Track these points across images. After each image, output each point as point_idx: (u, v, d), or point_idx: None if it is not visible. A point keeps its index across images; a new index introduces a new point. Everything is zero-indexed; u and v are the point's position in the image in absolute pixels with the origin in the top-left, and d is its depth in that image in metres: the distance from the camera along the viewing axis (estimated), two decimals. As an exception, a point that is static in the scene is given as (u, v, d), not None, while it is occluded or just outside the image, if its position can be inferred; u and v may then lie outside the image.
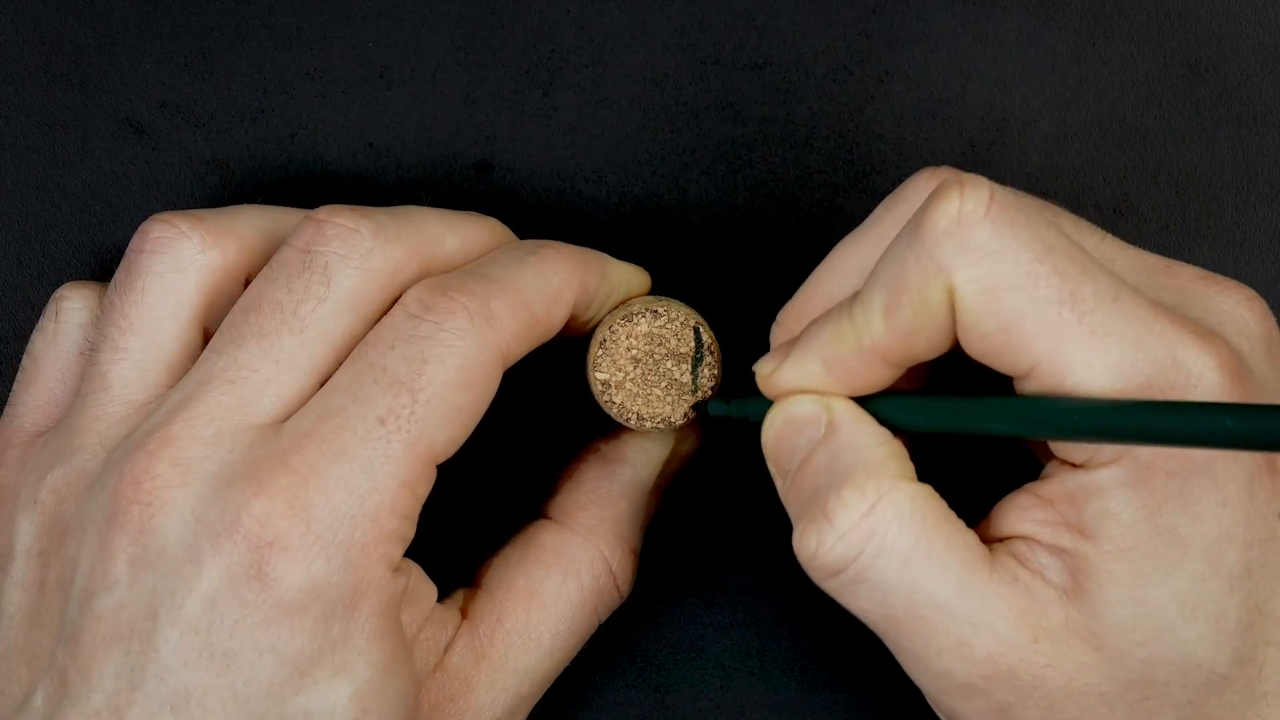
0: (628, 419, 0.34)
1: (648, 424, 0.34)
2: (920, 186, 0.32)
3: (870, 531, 0.29)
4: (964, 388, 0.31)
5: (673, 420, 0.34)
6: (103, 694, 0.29)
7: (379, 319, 0.31)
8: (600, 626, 0.35)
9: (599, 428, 0.36)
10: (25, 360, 0.34)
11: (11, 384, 0.37)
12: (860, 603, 0.29)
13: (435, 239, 0.33)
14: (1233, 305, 0.31)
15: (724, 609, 0.38)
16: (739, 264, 0.38)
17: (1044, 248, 0.28)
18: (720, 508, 0.38)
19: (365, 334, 0.31)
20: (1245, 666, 0.29)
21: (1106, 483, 0.28)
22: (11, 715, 0.30)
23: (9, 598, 0.31)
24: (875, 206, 0.33)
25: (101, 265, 0.38)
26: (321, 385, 0.30)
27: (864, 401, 0.31)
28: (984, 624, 0.29)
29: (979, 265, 0.28)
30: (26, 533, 0.31)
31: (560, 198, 0.38)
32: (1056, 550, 0.29)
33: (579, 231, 0.38)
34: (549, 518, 0.35)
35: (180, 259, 0.32)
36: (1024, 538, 0.30)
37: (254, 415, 0.30)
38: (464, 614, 0.33)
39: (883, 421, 0.31)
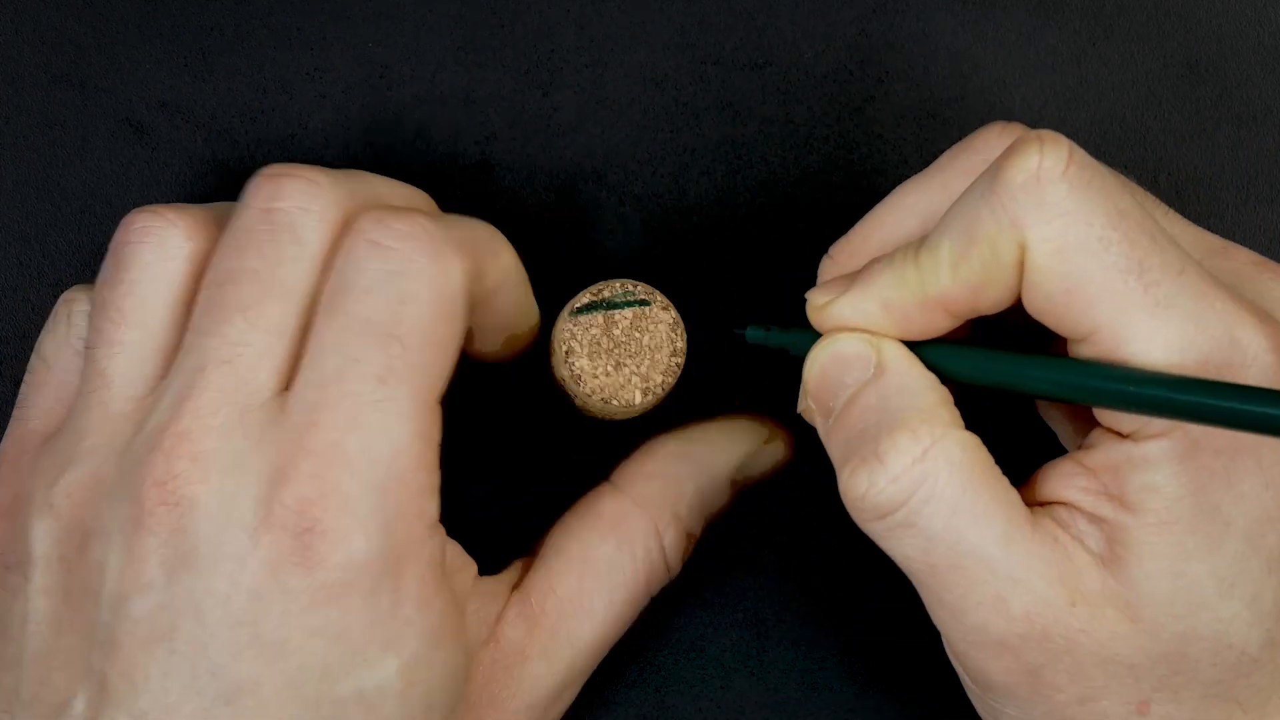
0: (589, 399, 0.34)
1: (610, 406, 0.34)
2: (991, 138, 0.32)
3: (922, 476, 0.29)
4: (1011, 344, 0.31)
5: (632, 404, 0.34)
6: (150, 695, 0.28)
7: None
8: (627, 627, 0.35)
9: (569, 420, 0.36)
10: (35, 362, 0.34)
11: (11, 383, 0.37)
12: (904, 548, 0.29)
13: (384, 195, 0.32)
14: None
15: (724, 609, 0.38)
16: (739, 264, 0.38)
17: (1118, 213, 0.28)
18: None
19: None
20: (1276, 650, 0.29)
21: (1153, 456, 0.28)
22: None
23: (33, 605, 0.31)
24: (874, 206, 0.33)
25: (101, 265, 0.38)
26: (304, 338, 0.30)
27: (914, 347, 0.31)
28: (1023, 581, 0.29)
29: (1054, 224, 0.28)
30: (43, 539, 0.31)
31: (560, 198, 0.38)
32: (1097, 519, 0.29)
33: (579, 231, 0.38)
34: (612, 483, 0.35)
35: (167, 247, 0.32)
36: (1065, 504, 0.30)
37: (256, 393, 0.30)
38: (519, 584, 0.33)
39: (931, 368, 0.31)
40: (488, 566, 0.33)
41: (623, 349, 0.34)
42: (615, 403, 0.34)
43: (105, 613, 0.29)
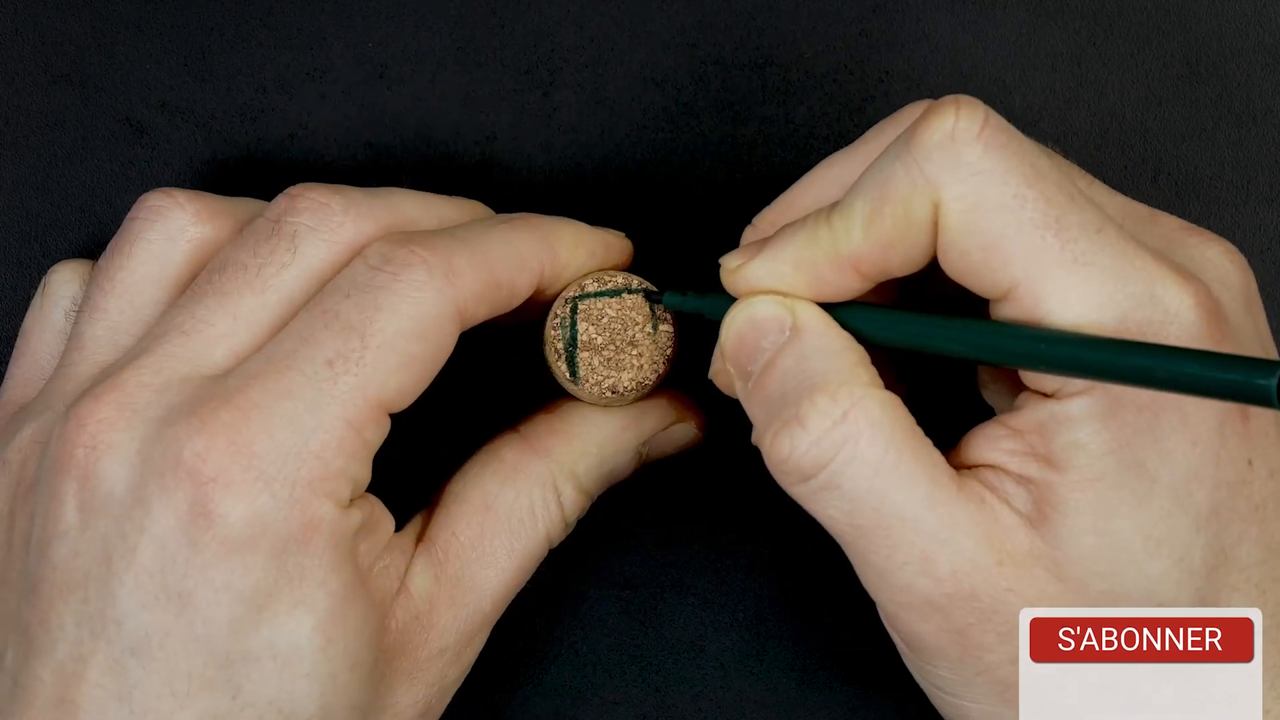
0: (579, 386, 0.34)
1: (596, 393, 0.34)
2: (915, 113, 0.32)
3: (843, 438, 0.28)
4: (932, 308, 0.31)
5: (624, 393, 0.34)
6: (65, 644, 0.29)
7: None
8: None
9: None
10: (18, 337, 0.35)
11: (11, 382, 0.37)
12: (828, 510, 0.29)
13: (408, 219, 0.33)
14: (1215, 255, 0.31)
15: (724, 609, 0.38)
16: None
17: (1034, 173, 0.28)
18: (721, 508, 0.38)
19: None
20: (1208, 609, 0.29)
21: (1076, 413, 0.28)
22: None
23: None
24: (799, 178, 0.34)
25: (101, 265, 0.38)
26: None
27: (830, 310, 0.31)
28: (949, 540, 0.28)
29: (968, 183, 0.28)
30: None
31: (560, 198, 0.38)
32: (1023, 480, 0.29)
33: (579, 231, 0.38)
34: (517, 431, 0.35)
35: (171, 228, 0.32)
36: (992, 466, 0.30)
37: (204, 366, 0.30)
38: (421, 534, 0.33)
39: (848, 331, 0.31)
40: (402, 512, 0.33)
41: (617, 338, 0.34)
42: (607, 391, 0.34)
43: (31, 559, 0.30)
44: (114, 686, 0.28)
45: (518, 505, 0.33)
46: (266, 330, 0.31)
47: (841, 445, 0.28)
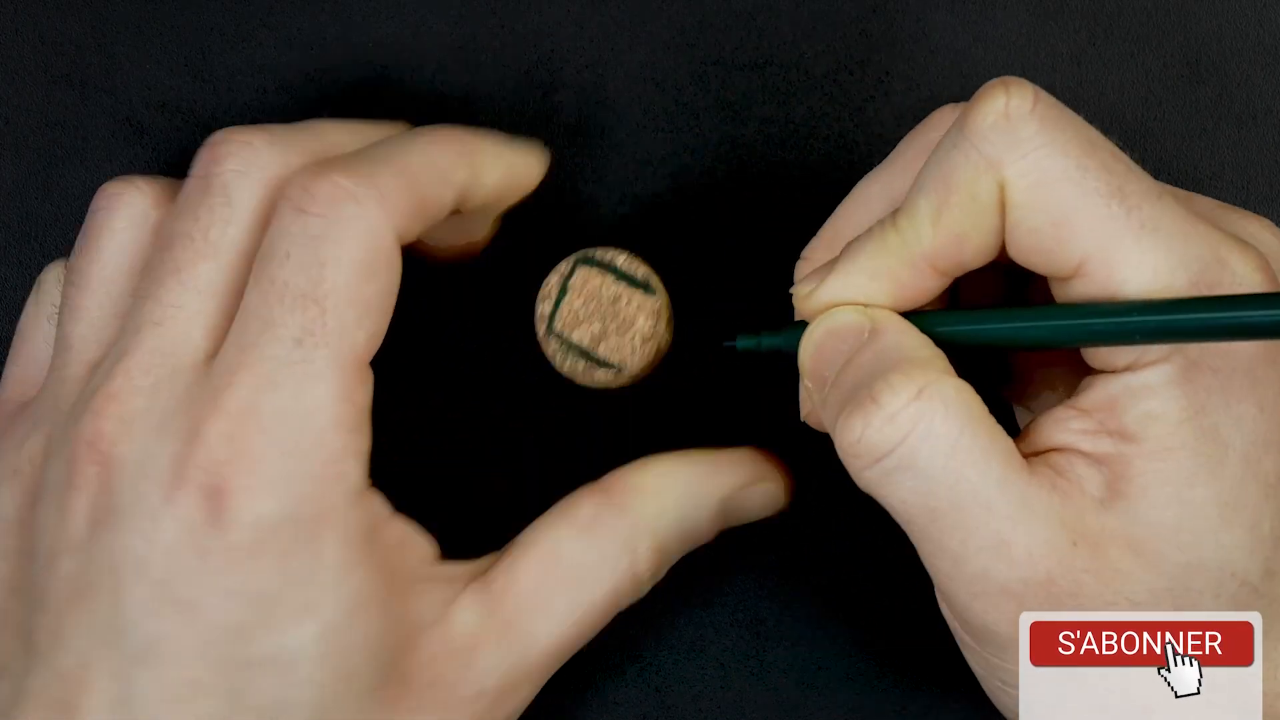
0: (539, 324, 0.33)
1: (549, 345, 0.33)
2: (945, 116, 0.32)
3: (918, 415, 0.28)
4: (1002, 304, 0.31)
5: (599, 377, 0.34)
6: (71, 653, 0.29)
7: None
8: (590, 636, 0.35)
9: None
10: (15, 336, 0.35)
11: (11, 383, 0.37)
12: (901, 492, 0.29)
13: (335, 145, 0.32)
14: (1257, 229, 0.31)
15: (724, 609, 0.38)
16: (739, 264, 0.38)
17: (1090, 144, 0.28)
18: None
19: None
20: (1274, 581, 0.29)
21: (1153, 381, 0.28)
22: None
23: None
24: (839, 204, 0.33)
25: (101, 265, 0.38)
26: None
27: (909, 317, 0.31)
28: (1024, 523, 0.28)
29: (1030, 158, 0.28)
30: (7, 503, 0.31)
31: (560, 198, 0.38)
32: (1095, 459, 0.29)
33: (579, 231, 0.38)
34: (598, 485, 0.34)
35: (134, 214, 0.32)
36: (1061, 449, 0.29)
37: (186, 354, 0.30)
38: (482, 573, 0.32)
39: (928, 334, 0.30)
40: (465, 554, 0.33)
41: (599, 316, 0.34)
42: (552, 346, 0.33)
43: (39, 570, 0.30)
44: (116, 692, 0.28)
45: (588, 558, 0.32)
46: (228, 292, 0.30)
47: (917, 422, 0.28)
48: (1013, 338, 0.30)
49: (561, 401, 0.37)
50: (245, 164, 0.31)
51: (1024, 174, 0.28)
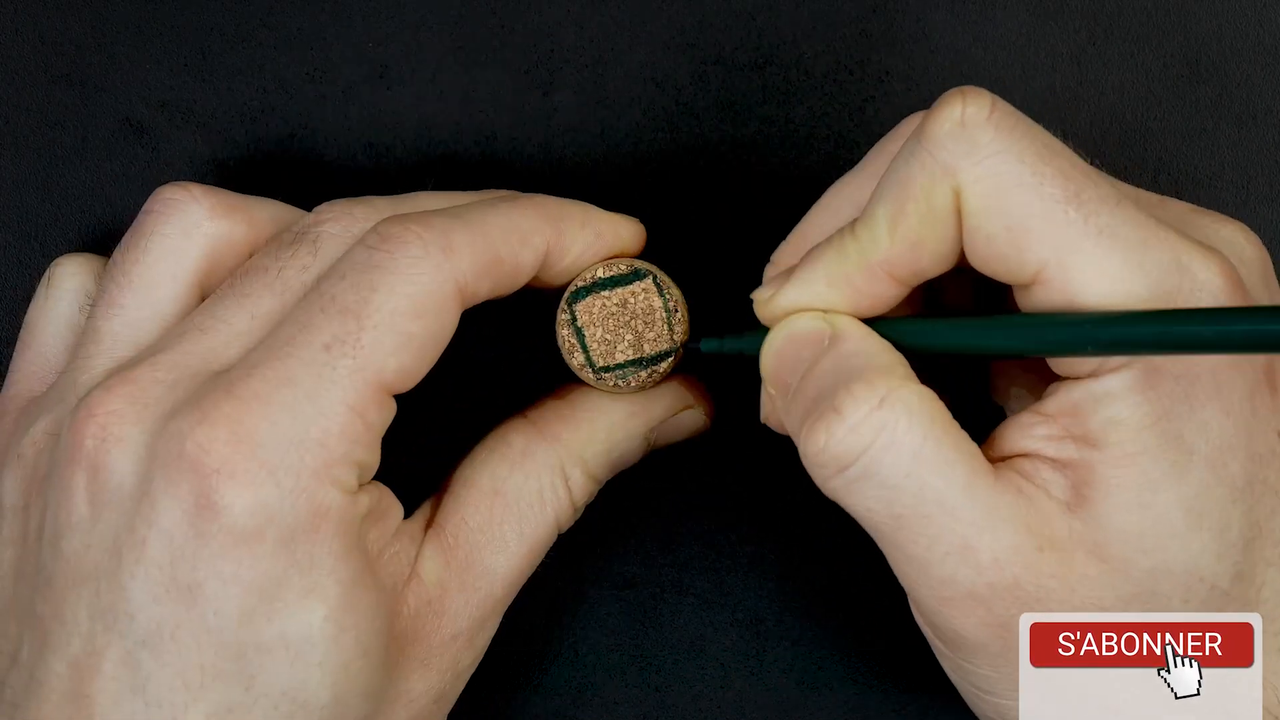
0: (585, 374, 0.33)
1: (608, 381, 0.33)
2: (912, 124, 0.32)
3: (880, 424, 0.28)
4: (965, 311, 0.30)
5: (630, 383, 0.34)
6: (79, 638, 0.29)
7: None
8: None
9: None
10: (22, 329, 0.35)
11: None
12: (866, 501, 0.29)
13: (423, 207, 0.33)
14: (1230, 234, 0.31)
15: (724, 609, 0.38)
16: (739, 264, 0.38)
17: (1048, 150, 0.28)
18: (721, 507, 0.38)
19: None
20: (1244, 584, 0.29)
21: (1115, 388, 0.28)
22: (5, 671, 0.30)
23: (2, 556, 0.31)
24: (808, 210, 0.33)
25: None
26: None
27: (871, 325, 0.31)
28: (989, 529, 0.28)
29: (985, 164, 0.28)
30: (11, 488, 0.31)
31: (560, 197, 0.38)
32: (1060, 465, 0.29)
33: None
34: (525, 416, 0.35)
35: (187, 222, 0.32)
36: (1026, 455, 0.29)
37: (217, 362, 0.30)
38: (431, 520, 0.33)
39: (887, 340, 0.30)
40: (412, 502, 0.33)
41: (626, 326, 0.34)
42: (615, 379, 0.33)
43: (45, 553, 0.30)
44: (128, 679, 0.28)
45: (526, 490, 0.33)
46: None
47: (879, 431, 0.28)
48: (970, 346, 0.30)
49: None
50: (341, 229, 0.32)
51: (979, 180, 0.28)
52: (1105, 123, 0.39)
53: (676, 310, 0.34)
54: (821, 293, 0.31)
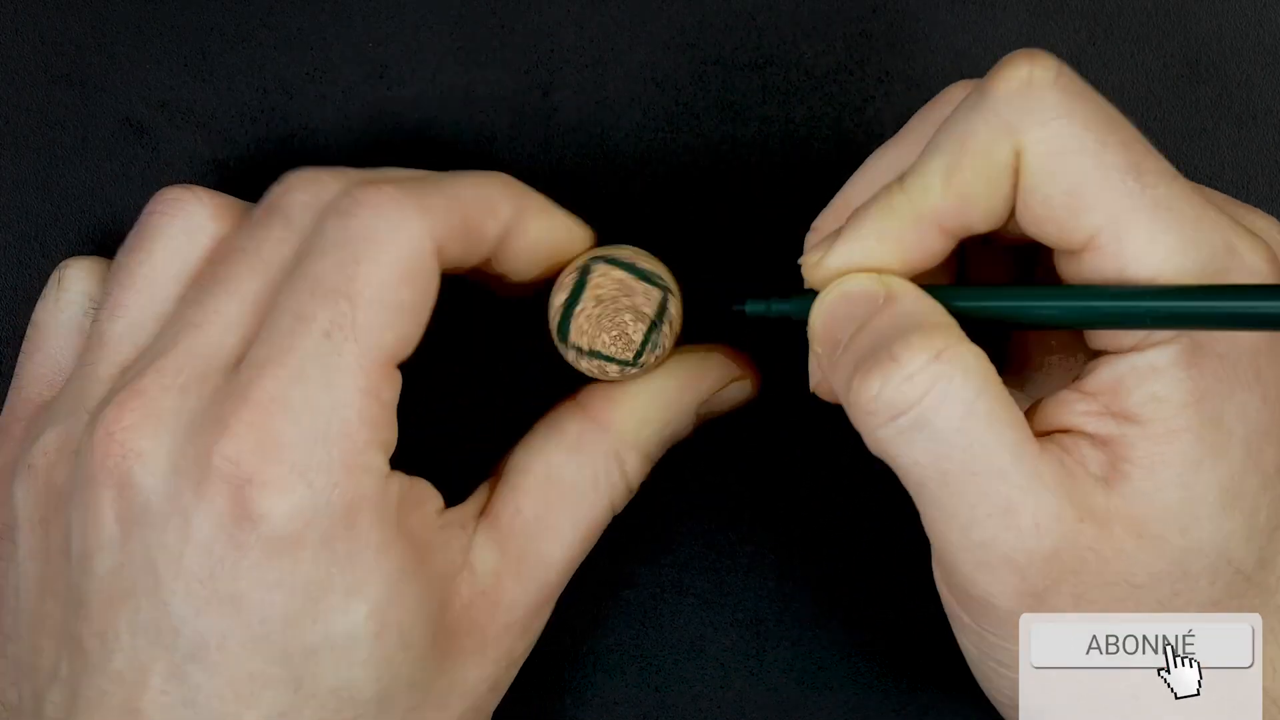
0: (567, 351, 0.33)
1: (583, 364, 0.33)
2: (958, 92, 0.32)
3: (936, 376, 0.28)
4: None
5: (609, 372, 0.33)
6: (122, 654, 0.29)
7: None
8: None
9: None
10: (29, 330, 0.35)
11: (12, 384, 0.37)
12: (914, 453, 0.29)
13: (392, 178, 0.32)
14: (1265, 225, 0.31)
15: (724, 609, 0.38)
16: (739, 264, 0.38)
17: (1111, 120, 0.29)
18: (721, 507, 0.38)
19: None
20: (1266, 572, 0.29)
21: (1159, 363, 0.28)
22: (43, 688, 0.30)
23: (22, 570, 0.31)
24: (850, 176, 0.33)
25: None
26: None
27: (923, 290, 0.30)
28: (1034, 493, 0.28)
29: (1049, 126, 0.28)
30: (25, 501, 0.31)
31: (560, 198, 0.38)
32: (1100, 440, 0.29)
33: (579, 232, 0.38)
34: (577, 401, 0.34)
35: (191, 224, 0.32)
36: (1065, 430, 0.29)
37: (220, 358, 0.30)
38: (485, 509, 0.33)
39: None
40: (455, 494, 0.33)
41: (616, 316, 0.33)
42: (584, 363, 0.33)
43: (75, 572, 0.30)
44: (178, 692, 0.28)
45: (581, 477, 0.33)
46: (270, 304, 0.31)
47: (935, 380, 0.28)
48: (1022, 315, 0.30)
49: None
50: (313, 195, 0.31)
51: (1043, 141, 0.28)
52: (1105, 123, 0.39)
53: (667, 327, 0.33)
54: (871, 249, 0.30)
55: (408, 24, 0.38)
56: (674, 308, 0.33)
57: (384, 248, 0.30)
